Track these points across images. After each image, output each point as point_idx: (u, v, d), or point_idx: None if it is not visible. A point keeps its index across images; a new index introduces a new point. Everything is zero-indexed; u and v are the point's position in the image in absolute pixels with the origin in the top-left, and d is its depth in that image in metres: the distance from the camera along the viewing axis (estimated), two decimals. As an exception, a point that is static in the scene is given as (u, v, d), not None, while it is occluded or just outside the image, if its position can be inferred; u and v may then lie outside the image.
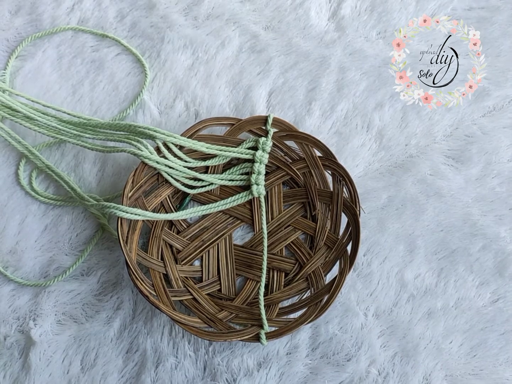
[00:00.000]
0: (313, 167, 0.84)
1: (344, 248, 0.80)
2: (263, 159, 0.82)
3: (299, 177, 0.84)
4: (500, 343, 0.81)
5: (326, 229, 0.82)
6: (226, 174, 0.84)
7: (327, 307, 0.77)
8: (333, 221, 0.83)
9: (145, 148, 0.78)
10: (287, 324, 0.77)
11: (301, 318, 0.77)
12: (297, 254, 0.82)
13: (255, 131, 0.84)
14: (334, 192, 0.82)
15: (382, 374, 0.80)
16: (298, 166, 0.84)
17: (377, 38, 0.94)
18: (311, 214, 0.84)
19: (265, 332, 0.76)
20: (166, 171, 0.79)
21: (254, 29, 0.94)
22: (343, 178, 0.82)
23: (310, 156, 0.83)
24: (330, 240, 0.82)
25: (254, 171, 0.82)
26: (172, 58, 0.92)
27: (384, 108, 0.90)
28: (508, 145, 0.89)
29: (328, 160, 0.83)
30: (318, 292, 0.79)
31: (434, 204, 0.86)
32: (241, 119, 0.84)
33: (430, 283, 0.83)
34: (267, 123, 0.83)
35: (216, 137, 0.83)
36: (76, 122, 0.84)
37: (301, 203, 0.84)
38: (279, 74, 0.92)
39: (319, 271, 0.81)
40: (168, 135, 0.79)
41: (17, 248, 0.84)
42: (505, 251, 0.84)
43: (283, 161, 0.84)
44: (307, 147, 0.83)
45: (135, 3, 0.95)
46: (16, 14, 0.94)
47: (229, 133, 0.84)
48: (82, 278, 0.83)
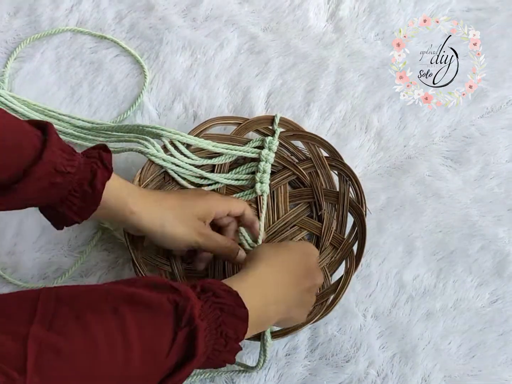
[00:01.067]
0: (319, 167, 0.83)
1: (350, 248, 0.80)
2: (269, 158, 0.82)
3: (305, 177, 0.84)
4: (499, 344, 0.81)
5: (332, 229, 0.82)
6: (232, 173, 0.84)
7: (332, 306, 0.76)
8: (339, 221, 0.82)
9: (151, 146, 0.78)
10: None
11: (307, 318, 0.76)
12: None
13: (262, 130, 0.84)
14: (340, 192, 0.82)
15: (381, 375, 0.80)
16: (305, 166, 0.84)
17: (376, 40, 0.94)
18: (317, 214, 0.83)
19: (271, 331, 0.76)
20: (173, 169, 0.80)
21: (253, 30, 0.94)
22: (349, 178, 0.82)
23: (316, 156, 0.83)
24: (336, 240, 0.82)
25: (259, 170, 0.82)
26: (171, 59, 0.92)
27: (382, 109, 0.90)
28: (506, 146, 0.89)
29: (335, 160, 0.83)
30: (324, 291, 0.79)
31: (433, 205, 0.86)
32: (248, 118, 0.84)
33: (429, 284, 0.83)
34: (274, 122, 0.84)
35: (223, 136, 0.83)
36: (89, 127, 0.86)
37: (307, 203, 0.84)
38: (277, 76, 0.92)
39: (324, 271, 0.80)
40: (175, 133, 0.79)
41: (15, 249, 0.83)
42: (503, 251, 0.84)
43: (290, 161, 0.84)
44: (314, 147, 0.83)
45: (133, 5, 0.95)
46: (14, 15, 0.94)
47: (236, 132, 0.84)
48: (81, 280, 0.83)
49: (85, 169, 0.64)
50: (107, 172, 0.66)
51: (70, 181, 0.63)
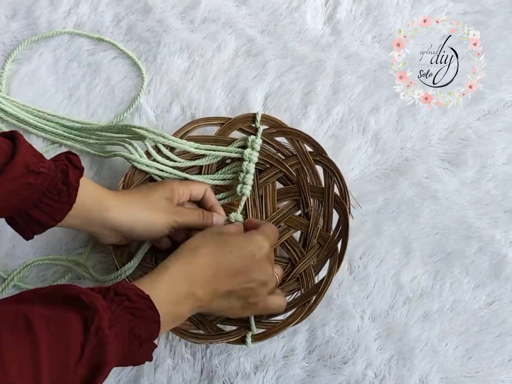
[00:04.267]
0: (304, 163, 0.83)
1: (335, 245, 0.80)
2: (252, 157, 0.81)
3: (292, 174, 0.83)
4: (496, 345, 0.82)
5: (318, 226, 0.82)
6: (218, 173, 0.83)
7: (314, 307, 0.76)
8: (325, 218, 0.82)
9: (135, 151, 0.78)
10: (274, 325, 0.76)
11: (289, 319, 0.76)
12: (290, 253, 0.82)
13: (246, 129, 0.84)
14: (325, 188, 0.82)
15: (379, 377, 0.80)
16: (291, 163, 0.83)
17: (373, 42, 0.94)
18: (304, 212, 0.83)
19: (252, 334, 0.76)
20: (157, 174, 0.80)
21: (250, 33, 0.94)
22: (333, 173, 0.81)
23: (301, 152, 0.83)
24: (322, 238, 0.81)
25: (242, 170, 0.82)
26: (168, 61, 0.92)
27: (379, 112, 0.90)
28: (503, 148, 0.89)
29: (319, 155, 0.82)
30: (307, 292, 0.79)
31: (430, 207, 0.87)
32: (230, 118, 0.84)
33: (426, 286, 0.84)
34: (256, 120, 0.83)
35: (208, 137, 0.83)
36: (79, 128, 0.86)
37: (295, 200, 0.84)
38: (275, 78, 0.92)
39: (310, 270, 0.80)
40: (158, 134, 0.79)
41: (13, 252, 0.83)
42: (500, 253, 0.85)
43: (276, 158, 0.83)
44: (298, 143, 0.83)
45: (131, 7, 0.95)
46: (12, 18, 0.94)
47: (220, 132, 0.83)
48: (79, 282, 0.83)
49: (56, 170, 0.65)
50: (78, 171, 0.67)
51: (42, 182, 0.63)
